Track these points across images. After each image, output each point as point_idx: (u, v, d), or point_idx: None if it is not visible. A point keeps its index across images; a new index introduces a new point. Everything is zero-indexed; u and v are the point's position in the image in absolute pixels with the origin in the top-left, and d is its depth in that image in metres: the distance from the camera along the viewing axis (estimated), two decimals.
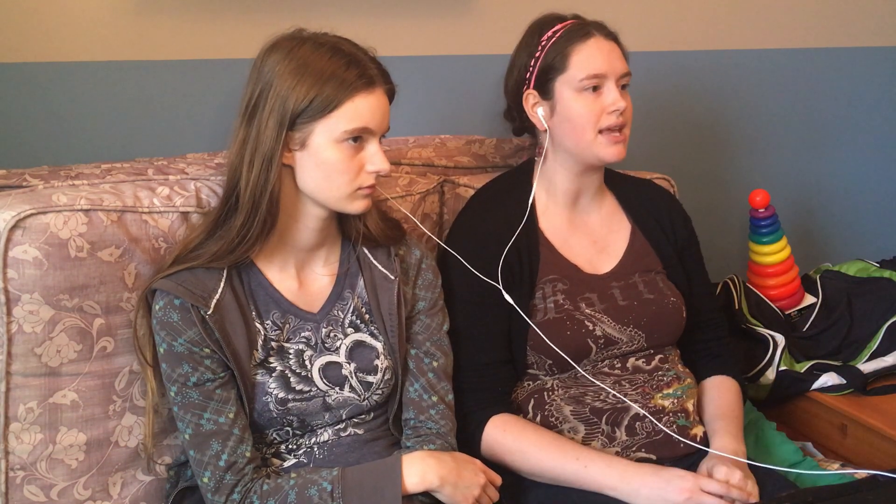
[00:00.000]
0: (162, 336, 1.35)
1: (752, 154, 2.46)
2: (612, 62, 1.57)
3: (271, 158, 1.33)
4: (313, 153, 1.34)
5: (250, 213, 1.34)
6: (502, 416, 1.54)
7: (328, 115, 1.32)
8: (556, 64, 1.58)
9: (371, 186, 1.38)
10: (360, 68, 1.34)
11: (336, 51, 1.35)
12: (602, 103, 1.56)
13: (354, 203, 1.39)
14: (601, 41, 1.58)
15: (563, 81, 1.58)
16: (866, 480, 1.40)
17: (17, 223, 1.34)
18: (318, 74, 1.32)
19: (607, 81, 1.56)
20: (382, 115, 1.37)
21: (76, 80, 1.75)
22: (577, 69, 1.56)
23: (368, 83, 1.34)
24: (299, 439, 1.43)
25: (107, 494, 1.43)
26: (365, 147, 1.36)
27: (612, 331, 1.58)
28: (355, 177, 1.36)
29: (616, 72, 1.57)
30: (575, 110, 1.57)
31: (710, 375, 1.72)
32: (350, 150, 1.35)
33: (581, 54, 1.57)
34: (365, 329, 1.47)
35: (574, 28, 1.59)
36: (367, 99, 1.34)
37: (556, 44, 1.58)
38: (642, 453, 1.54)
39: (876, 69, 2.55)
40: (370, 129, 1.35)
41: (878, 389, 1.93)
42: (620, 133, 1.58)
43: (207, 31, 1.83)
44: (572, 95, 1.57)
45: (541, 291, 1.59)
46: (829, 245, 2.59)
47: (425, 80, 2.02)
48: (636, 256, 1.68)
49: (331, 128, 1.33)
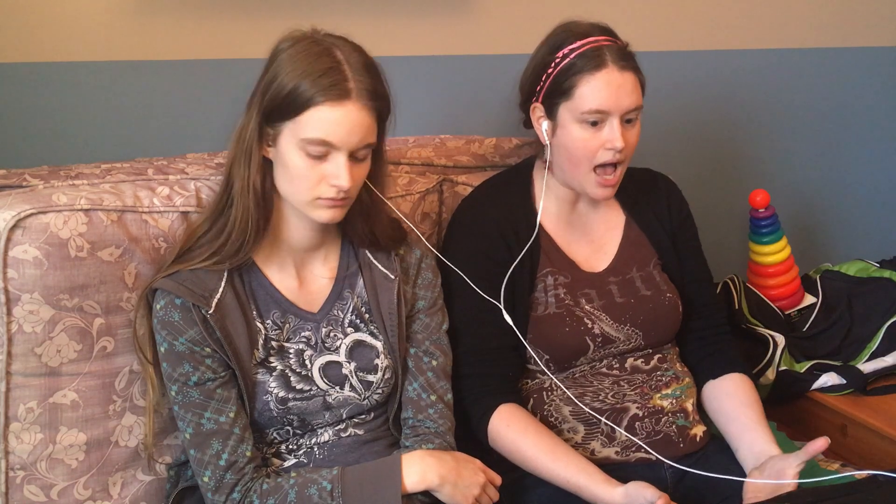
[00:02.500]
0: (163, 335, 1.35)
1: (752, 154, 2.46)
2: (618, 99, 1.51)
3: (250, 152, 1.33)
4: (281, 153, 1.33)
5: (244, 210, 1.35)
6: (509, 408, 1.53)
7: (295, 119, 1.30)
8: (563, 89, 1.54)
9: (333, 199, 1.33)
10: (336, 76, 1.28)
11: (326, 54, 1.31)
12: (601, 138, 1.53)
13: (317, 211, 1.35)
14: (612, 73, 1.51)
15: (567, 108, 1.54)
16: (866, 480, 1.40)
17: (17, 223, 1.34)
18: (297, 73, 1.29)
19: (610, 118, 1.52)
20: (348, 132, 1.29)
21: (76, 80, 1.75)
22: (581, 100, 1.52)
23: (339, 95, 1.28)
24: (299, 439, 1.43)
25: (107, 494, 1.43)
26: (329, 160, 1.31)
27: (610, 329, 1.58)
28: (315, 185, 1.32)
29: (621, 109, 1.52)
30: (573, 140, 1.55)
31: (720, 372, 1.65)
32: (312, 158, 1.30)
33: (588, 86, 1.51)
34: (365, 328, 1.47)
35: (589, 53, 1.52)
36: (333, 111, 1.28)
37: (568, 67, 1.53)
38: (642, 453, 1.54)
39: (876, 69, 2.55)
40: (331, 142, 1.29)
41: (878, 389, 1.93)
42: (613, 175, 1.56)
43: (207, 31, 1.83)
44: (573, 125, 1.54)
45: (542, 284, 1.59)
46: (829, 245, 2.59)
47: (425, 80, 2.02)
48: (632, 249, 1.67)
49: (295, 132, 1.30)
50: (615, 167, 1.56)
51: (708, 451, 1.60)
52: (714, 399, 1.63)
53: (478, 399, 1.54)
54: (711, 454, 1.58)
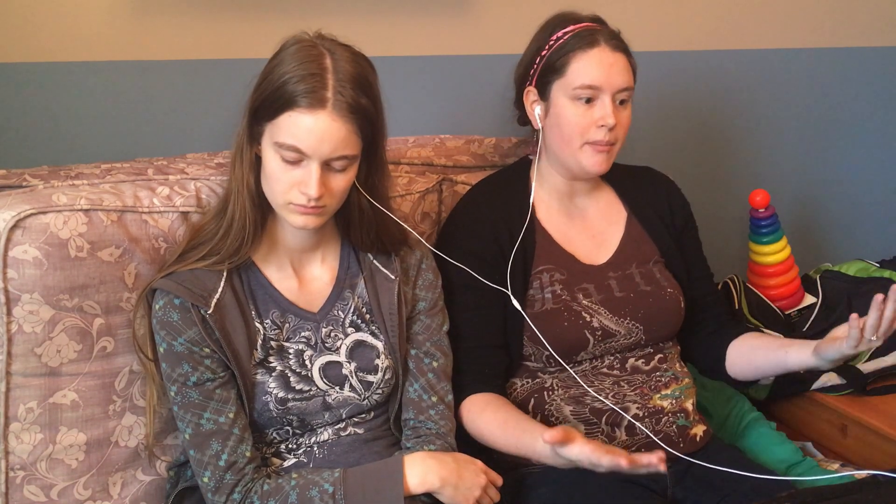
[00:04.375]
0: (162, 335, 1.35)
1: (752, 154, 2.46)
2: (610, 76, 1.54)
3: (242, 151, 1.35)
4: (263, 153, 1.34)
5: (241, 209, 1.35)
6: (475, 398, 1.54)
7: (272, 121, 1.30)
8: (556, 67, 1.57)
9: (304, 206, 1.31)
10: (313, 84, 1.27)
11: (313, 60, 1.29)
12: (593, 116, 1.54)
13: (290, 216, 1.34)
14: (605, 52, 1.54)
15: (560, 86, 1.56)
16: (866, 480, 1.41)
17: (17, 223, 1.34)
18: (278, 77, 1.29)
19: (602, 95, 1.54)
20: (319, 141, 1.27)
21: (76, 80, 1.75)
22: (573, 76, 1.55)
23: (313, 103, 1.26)
24: (299, 439, 1.43)
25: (107, 494, 1.43)
26: (302, 167, 1.30)
27: (610, 323, 1.58)
28: (287, 190, 1.31)
29: (613, 86, 1.54)
30: (565, 118, 1.56)
31: (736, 337, 1.68)
32: (284, 163, 1.30)
33: (581, 62, 1.54)
34: (366, 329, 1.47)
35: (582, 33, 1.56)
36: (304, 117, 1.27)
37: (562, 46, 1.56)
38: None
39: (876, 69, 2.55)
40: (300, 149, 1.28)
41: (878, 389, 1.93)
42: (607, 146, 1.56)
43: (207, 31, 1.83)
44: (566, 102, 1.56)
45: (537, 281, 1.59)
46: (829, 245, 2.59)
47: (425, 80, 2.02)
48: (633, 246, 1.67)
49: (272, 134, 1.30)
50: (608, 145, 1.56)
51: (708, 450, 1.60)
52: (743, 349, 1.67)
53: (455, 394, 1.54)
54: (712, 454, 1.58)
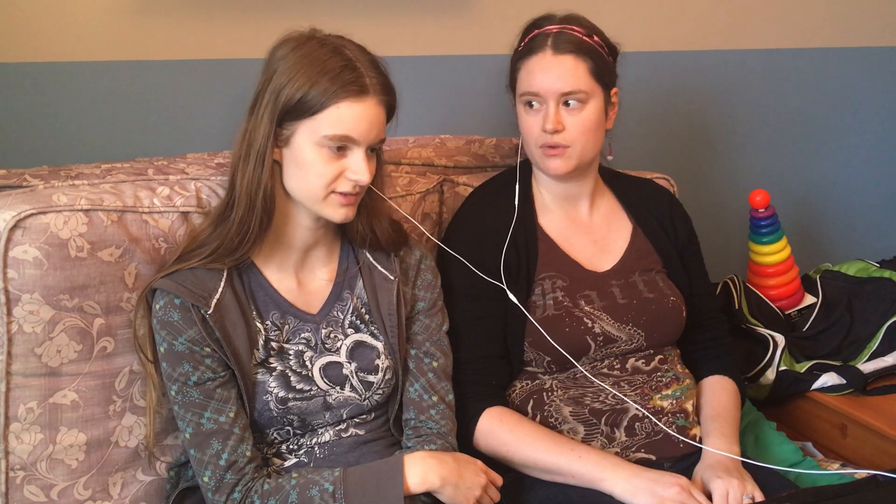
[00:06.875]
0: (162, 335, 1.35)
1: (752, 154, 2.46)
2: (549, 82, 1.52)
3: (263, 153, 1.33)
4: (295, 151, 1.34)
5: (248, 210, 1.34)
6: (498, 409, 1.55)
7: (313, 117, 1.31)
8: (512, 76, 1.61)
9: (347, 194, 1.35)
10: (353, 74, 1.31)
11: (336, 53, 1.33)
12: (539, 121, 1.55)
13: (329, 209, 1.36)
14: (547, 57, 1.53)
15: (516, 94, 1.60)
16: (866, 480, 1.41)
17: (17, 223, 1.34)
18: (311, 74, 1.30)
19: (545, 100, 1.53)
20: (369, 126, 1.33)
21: (76, 80, 1.75)
22: (519, 85, 1.58)
23: (359, 91, 1.31)
24: (300, 439, 1.43)
25: (107, 494, 1.43)
26: (348, 155, 1.34)
27: (612, 329, 1.58)
28: (332, 180, 1.33)
29: (553, 91, 1.52)
30: (520, 124, 1.60)
31: (708, 375, 1.71)
32: (330, 154, 1.32)
33: (524, 71, 1.57)
34: (365, 329, 1.47)
35: (531, 40, 1.57)
36: (353, 107, 1.31)
37: (515, 55, 1.60)
38: (641, 454, 1.54)
39: (876, 69, 2.55)
40: (352, 137, 1.32)
41: (878, 389, 1.93)
42: (557, 149, 1.55)
43: (207, 31, 1.83)
44: (520, 108, 1.59)
45: (539, 288, 1.60)
46: (829, 245, 2.60)
47: (425, 80, 2.02)
48: (637, 255, 1.68)
49: (314, 129, 1.31)
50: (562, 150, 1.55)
51: None
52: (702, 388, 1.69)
53: (465, 404, 1.54)
54: None
